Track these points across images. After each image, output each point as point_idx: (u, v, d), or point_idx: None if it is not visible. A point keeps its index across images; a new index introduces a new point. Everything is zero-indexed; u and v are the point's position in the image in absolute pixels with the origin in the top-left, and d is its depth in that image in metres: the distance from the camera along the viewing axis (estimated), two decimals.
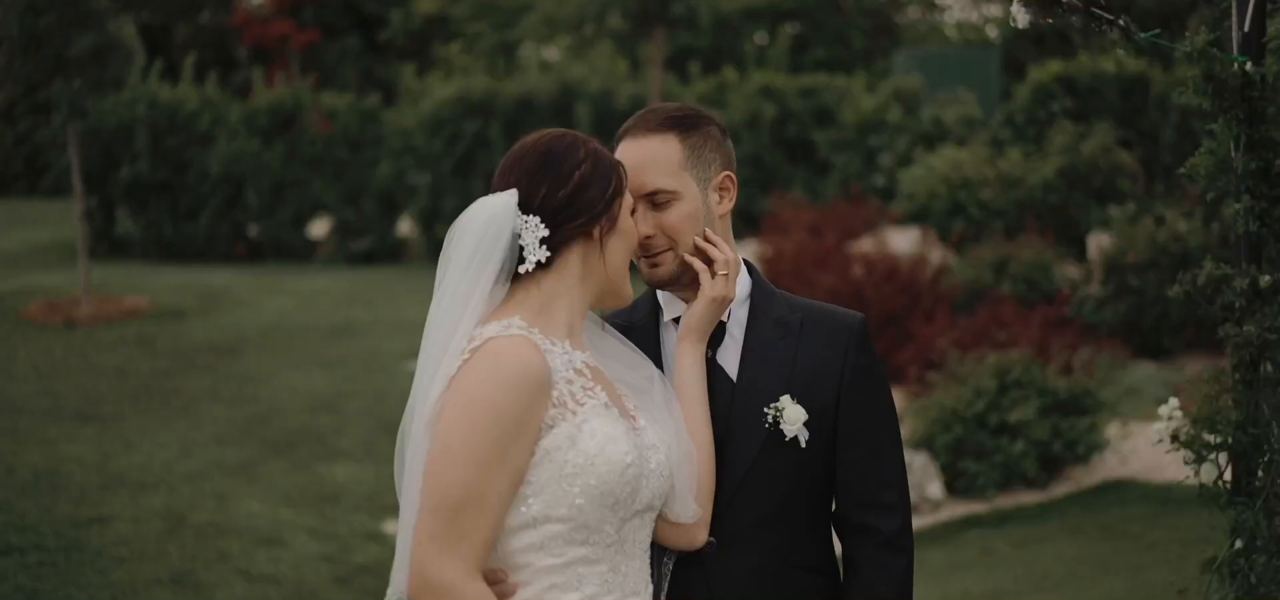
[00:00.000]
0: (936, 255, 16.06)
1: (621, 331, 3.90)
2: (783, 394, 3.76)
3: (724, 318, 3.88)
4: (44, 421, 13.37)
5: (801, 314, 3.88)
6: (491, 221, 3.55)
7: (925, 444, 11.87)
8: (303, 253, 24.59)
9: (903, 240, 16.87)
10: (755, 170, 22.40)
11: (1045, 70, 20.26)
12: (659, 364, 3.86)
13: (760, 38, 30.75)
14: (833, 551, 3.93)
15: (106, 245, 23.84)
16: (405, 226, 24.77)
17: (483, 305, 3.53)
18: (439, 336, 3.53)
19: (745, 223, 21.21)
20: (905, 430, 12.65)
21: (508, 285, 3.60)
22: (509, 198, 3.56)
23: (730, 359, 3.85)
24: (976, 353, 12.47)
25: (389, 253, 24.39)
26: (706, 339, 3.81)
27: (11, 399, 13.99)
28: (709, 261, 3.81)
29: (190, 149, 23.84)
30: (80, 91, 17.40)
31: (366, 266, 23.81)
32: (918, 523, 11.23)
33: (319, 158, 24.08)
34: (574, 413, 3.46)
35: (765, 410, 3.76)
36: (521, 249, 3.55)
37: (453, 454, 3.36)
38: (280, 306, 18.81)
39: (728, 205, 3.89)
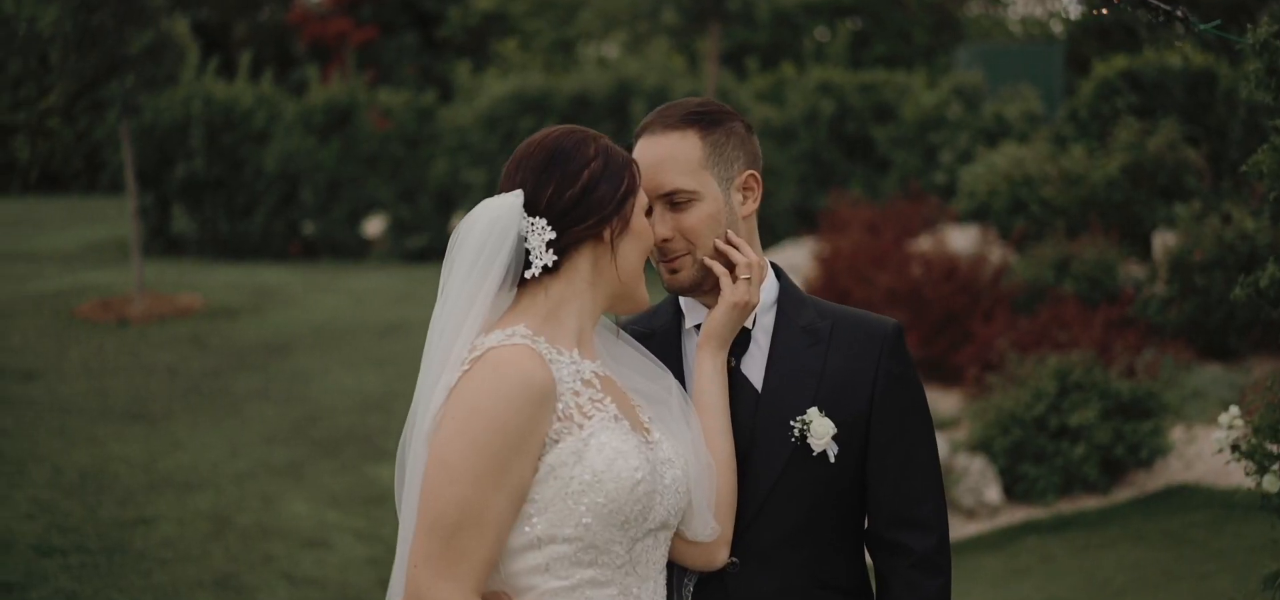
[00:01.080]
0: (996, 254, 15.77)
1: (641, 338, 3.71)
2: (810, 405, 3.56)
3: (749, 324, 3.67)
4: (93, 421, 13.30)
5: (832, 320, 3.67)
6: (495, 224, 3.36)
7: (983, 447, 11.65)
8: (357, 251, 24.51)
9: (962, 239, 16.59)
10: (813, 167, 22.14)
11: (1109, 65, 19.88)
12: (680, 373, 3.67)
13: (821, 33, 30.47)
14: (864, 570, 3.72)
15: (162, 243, 23.85)
16: None
17: (486, 312, 3.34)
18: (441, 345, 3.35)
19: (802, 220, 20.97)
20: (962, 433, 12.42)
21: (514, 291, 3.41)
22: (514, 199, 3.38)
23: (755, 368, 3.65)
24: (1036, 354, 12.21)
25: (443, 251, 24.16)
26: (727, 346, 3.61)
27: (61, 398, 13.93)
28: (731, 265, 3.60)
29: (245, 146, 23.81)
30: (133, 89, 17.36)
31: (421, 264, 23.69)
32: (975, 529, 11.01)
33: (374, 155, 23.99)
34: (581, 426, 3.26)
35: (791, 423, 3.55)
36: (527, 252, 3.37)
37: (450, 470, 3.17)
38: (333, 305, 18.72)
39: (752, 206, 3.68)
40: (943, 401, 13.85)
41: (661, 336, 3.73)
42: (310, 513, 11.18)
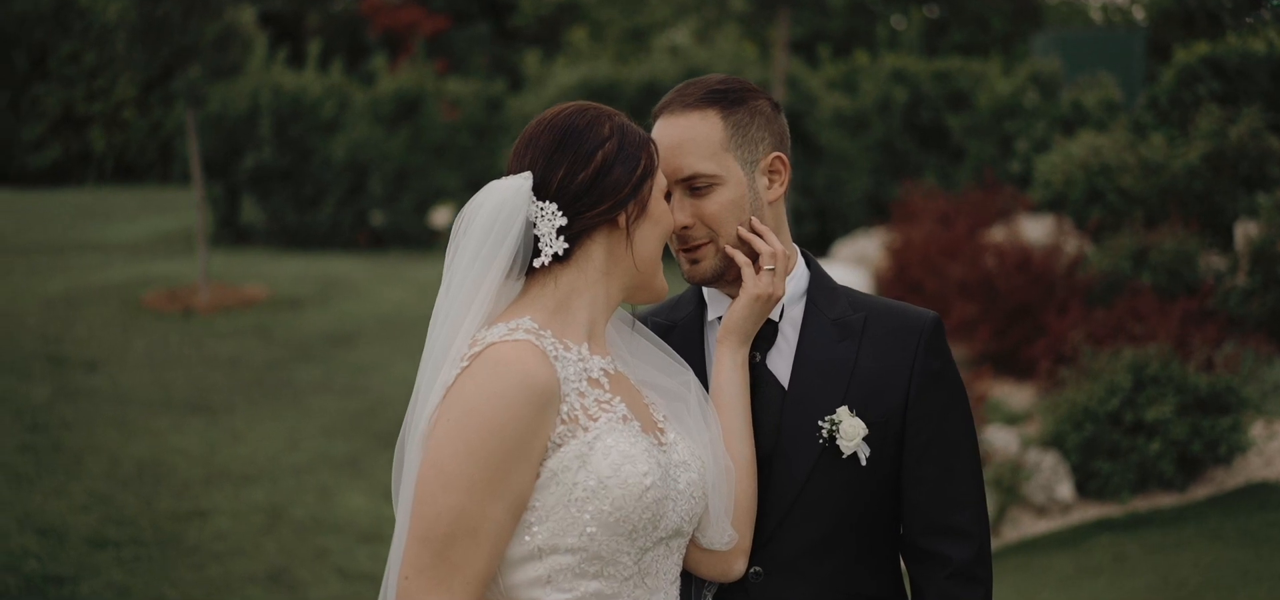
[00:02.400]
0: (1072, 245, 15.41)
1: (662, 331, 3.47)
2: (840, 403, 3.31)
3: (776, 317, 3.42)
4: (153, 412, 13.23)
5: (865, 313, 3.41)
6: (501, 208, 3.11)
7: (1055, 443, 11.35)
8: (425, 241, 24.40)
9: (1037, 229, 16.25)
10: (886, 156, 21.81)
11: (1191, 52, 19.43)
12: (702, 368, 3.42)
13: (897, 21, 30.08)
14: (899, 581, 3.47)
15: (231, 233, 23.84)
16: None
17: (490, 302, 3.11)
18: (441, 338, 3.11)
19: (874, 210, 20.68)
20: (1034, 428, 12.10)
21: (522, 280, 3.17)
22: (522, 181, 3.13)
23: (782, 364, 3.40)
24: (1111, 347, 11.88)
25: None
26: (748, 341, 3.36)
27: (123, 389, 13.88)
28: (755, 255, 3.36)
29: (314, 136, 23.73)
30: (199, 79, 17.31)
31: None
32: (1045, 526, 10.73)
33: (442, 145, 23.85)
34: (586, 429, 3.02)
35: (820, 423, 3.30)
36: (536, 239, 3.12)
37: (444, 476, 2.94)
38: (398, 296, 18.59)
39: (779, 190, 3.42)
40: (1014, 395, 13.55)
41: (683, 329, 3.49)
42: (367, 506, 11.03)
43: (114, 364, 14.77)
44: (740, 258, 3.34)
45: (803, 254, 3.51)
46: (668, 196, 3.31)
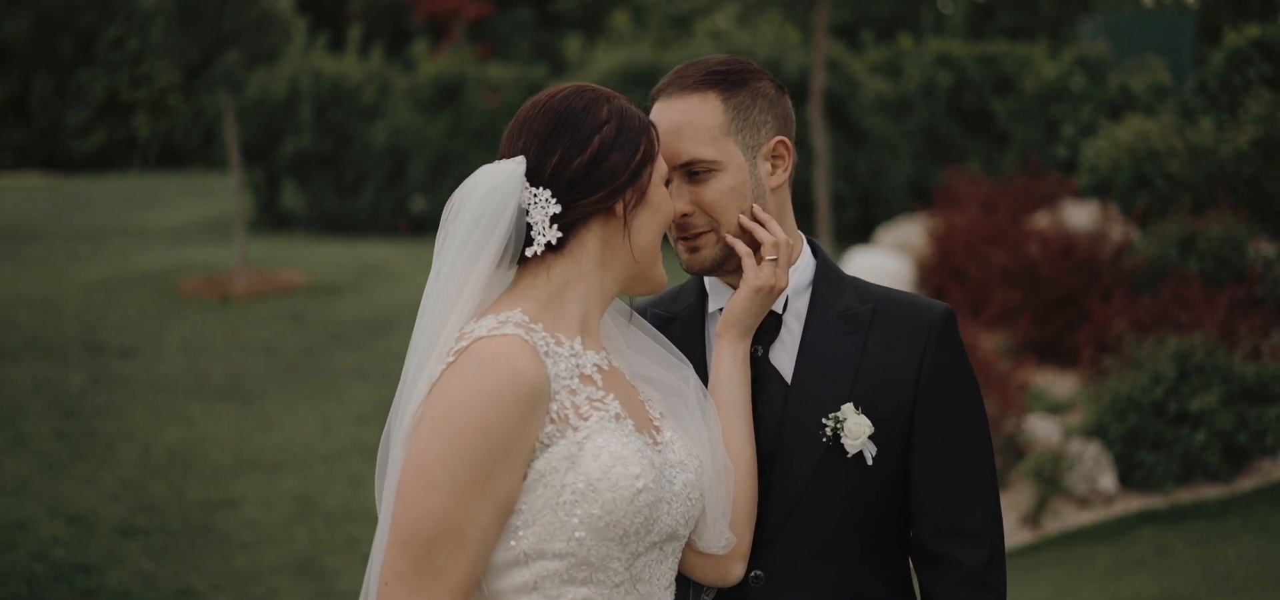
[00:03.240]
0: (1118, 231, 15.18)
1: (662, 324, 3.32)
2: (846, 400, 3.15)
3: (779, 309, 3.26)
4: (187, 399, 13.18)
5: (873, 305, 3.25)
6: (492, 194, 2.96)
7: (1098, 433, 11.17)
8: None
9: (1082, 215, 16.01)
10: (930, 142, 21.58)
11: (1241, 35, 19.11)
12: (703, 362, 3.27)
13: (943, 4, 29.78)
14: (908, 586, 3.31)
15: (271, 219, 23.79)
16: None
17: (479, 293, 2.96)
18: (428, 329, 2.97)
19: (918, 196, 20.47)
20: (1077, 417, 11.92)
21: (514, 270, 3.02)
22: (515, 166, 2.98)
23: (785, 358, 3.24)
24: (1156, 335, 11.67)
25: None
26: (749, 335, 3.21)
27: (158, 376, 13.84)
28: (757, 244, 3.20)
29: (354, 122, 23.65)
30: (236, 65, 17.26)
31: None
32: (1088, 518, 10.56)
33: (483, 130, 23.74)
34: (576, 428, 2.87)
35: (823, 421, 3.14)
36: (529, 227, 2.97)
37: (427, 477, 2.79)
38: None
39: (782, 176, 3.26)
40: (1057, 384, 13.36)
41: (684, 321, 3.33)
42: None
43: (150, 351, 14.74)
44: (741, 247, 3.19)
45: (809, 242, 3.36)
46: (667, 183, 3.16)
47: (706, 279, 3.34)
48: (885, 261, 16.34)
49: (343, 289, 17.85)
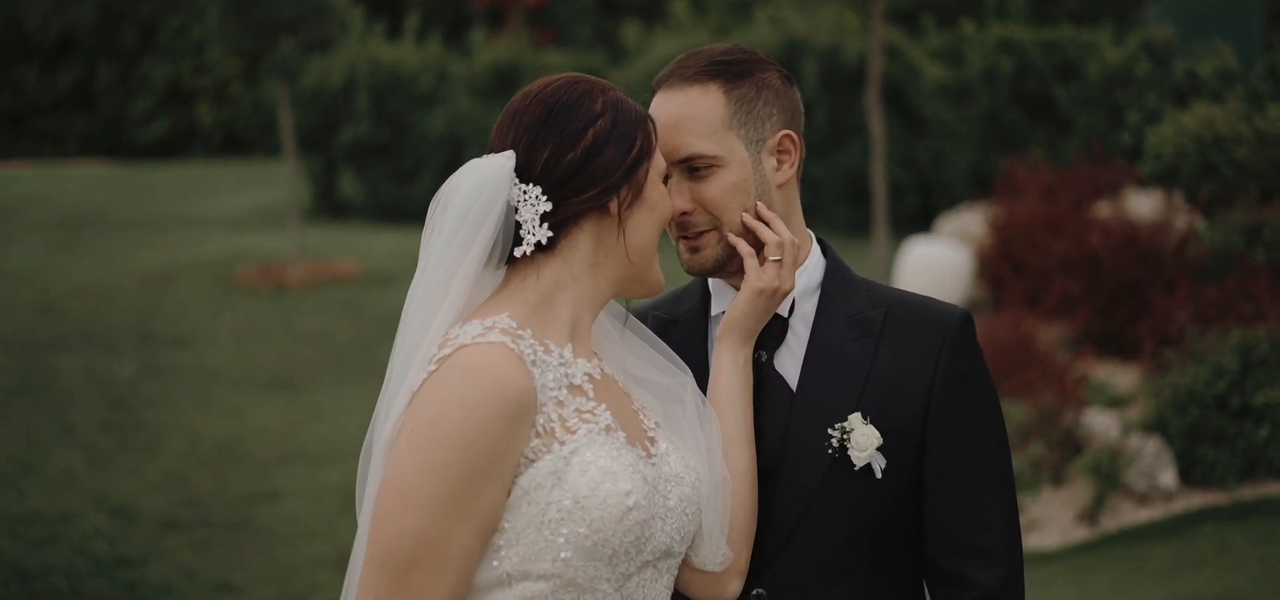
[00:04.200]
0: (1182, 220, 14.90)
1: (663, 327, 3.15)
2: (854, 409, 2.98)
3: (785, 312, 3.09)
4: (236, 390, 13.15)
5: (885, 308, 3.08)
6: (479, 191, 2.81)
7: (1158, 427, 10.93)
8: None
9: (1145, 204, 15.73)
10: (991, 129, 21.29)
11: None
12: (705, 367, 3.09)
13: None
14: None
15: (328, 207, 23.76)
16: None
17: (465, 295, 2.81)
18: (411, 333, 2.83)
19: (979, 185, 20.20)
20: (1137, 412, 11.71)
21: (502, 270, 2.86)
22: (503, 161, 2.83)
23: (791, 365, 3.07)
24: (1219, 327, 11.43)
25: None
26: (751, 340, 3.04)
27: (209, 366, 13.82)
28: (760, 244, 3.03)
29: (411, 110, 23.59)
30: (292, 53, 17.23)
31: None
32: (1146, 515, 10.36)
33: None
34: (562, 442, 2.71)
35: (829, 431, 2.97)
36: (518, 225, 2.82)
37: (405, 495, 2.64)
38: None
39: (788, 172, 3.09)
40: (1118, 377, 13.13)
41: (686, 325, 3.16)
42: None
43: (202, 340, 14.73)
44: (743, 247, 3.02)
45: (818, 242, 3.18)
46: (666, 180, 2.99)
47: (710, 281, 3.17)
48: (943, 252, 16.13)
49: (397, 278, 17.79)
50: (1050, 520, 10.40)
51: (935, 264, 15.94)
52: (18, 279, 17.17)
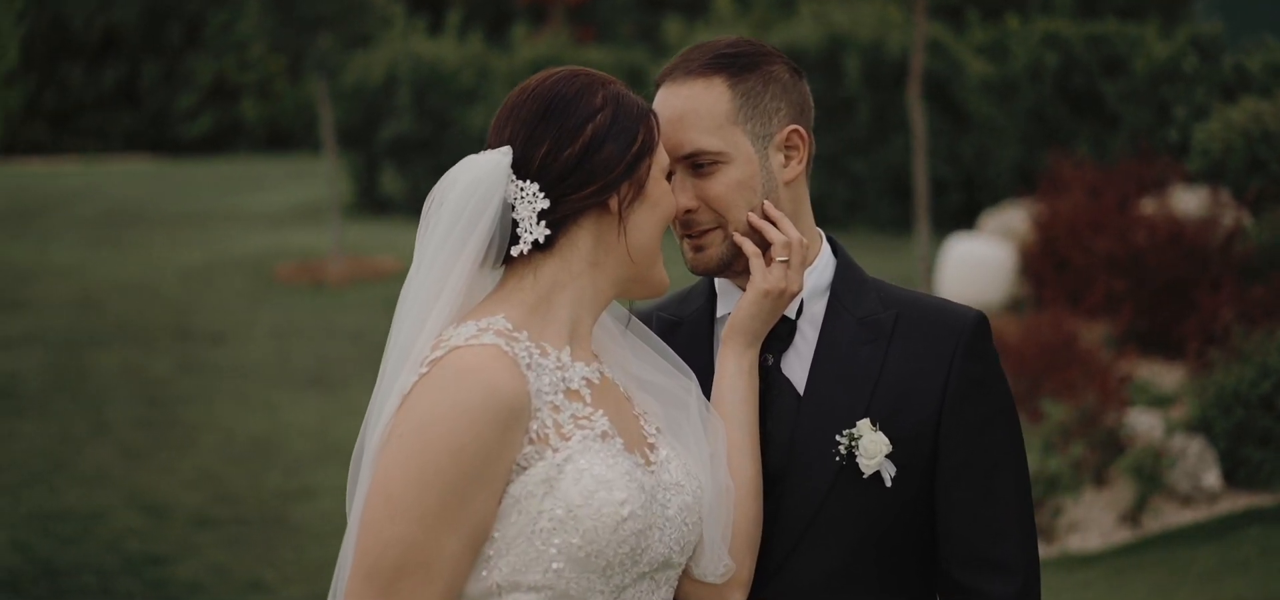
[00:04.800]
0: (1229, 217, 14.71)
1: (669, 328, 3.05)
2: (863, 414, 2.87)
3: (792, 314, 2.98)
4: (272, 386, 13.12)
5: (897, 310, 2.97)
6: (474, 188, 2.71)
7: (1202, 428, 10.78)
8: None
9: (1192, 201, 15.54)
10: (1036, 124, 21.09)
11: None
12: (710, 370, 2.98)
13: None
14: None
15: (370, 204, 23.74)
16: None
17: (459, 295, 2.72)
18: (404, 333, 2.74)
19: (1024, 181, 20.01)
20: (1181, 412, 11.56)
21: (500, 270, 2.77)
22: (499, 157, 2.74)
23: (798, 368, 2.96)
24: (1265, 326, 11.28)
25: None
26: (756, 343, 2.93)
27: (245, 363, 13.80)
28: (767, 244, 2.92)
29: (452, 106, 23.55)
30: (331, 49, 17.21)
31: None
32: (1190, 517, 10.23)
33: None
34: (556, 449, 2.62)
35: (837, 438, 2.86)
36: (515, 224, 2.72)
37: (393, 503, 2.56)
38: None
39: (796, 168, 2.98)
40: (1163, 376, 12.98)
41: (691, 326, 3.06)
42: None
43: (239, 337, 14.72)
44: (749, 247, 2.91)
45: (829, 241, 3.07)
46: (670, 176, 2.90)
47: (717, 281, 3.07)
48: (985, 249, 16.00)
49: None
50: (1092, 522, 10.28)
51: (977, 261, 15.81)
52: (59, 275, 17.21)
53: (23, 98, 31.40)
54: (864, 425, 2.85)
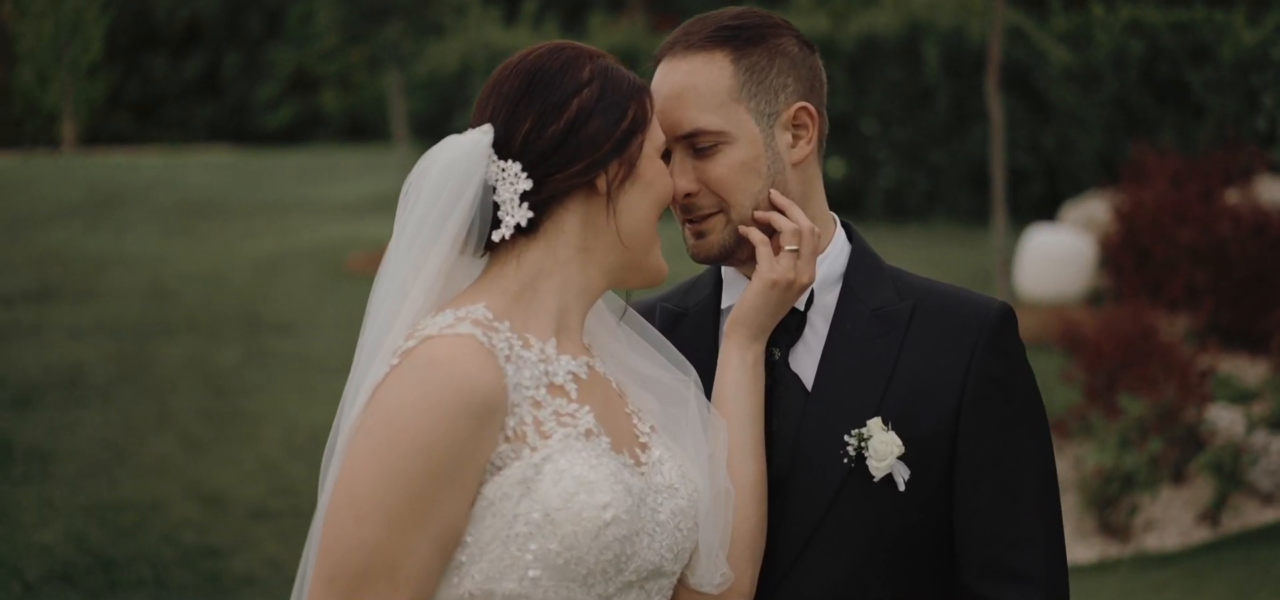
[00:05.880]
0: None
1: (672, 320, 2.88)
2: (874, 413, 2.67)
3: (801, 305, 2.78)
4: (337, 377, 12.98)
5: (914, 301, 2.77)
6: (452, 167, 2.55)
7: None
8: None
9: (1279, 191, 15.19)
10: (1120, 114, 20.69)
11: None
12: (714, 365, 2.79)
13: None
14: None
15: None
16: None
17: (437, 283, 2.55)
18: (379, 322, 2.57)
19: (1107, 172, 19.64)
20: (1263, 407, 11.24)
21: (484, 256, 2.60)
22: (480, 135, 2.57)
23: (807, 363, 2.76)
24: None
25: None
26: (762, 336, 2.74)
27: (312, 353, 13.72)
28: (775, 231, 2.72)
29: None
30: (401, 38, 17.16)
31: None
32: (1272, 515, 10.01)
33: None
34: (534, 448, 2.43)
35: (846, 438, 2.66)
36: (496, 207, 2.54)
37: (357, 503, 2.38)
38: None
39: (806, 149, 2.77)
40: (1246, 371, 12.66)
41: (696, 318, 2.87)
42: None
43: (307, 327, 14.66)
44: (755, 235, 2.72)
45: (843, 226, 2.87)
46: (668, 157, 2.70)
47: (724, 270, 2.88)
48: (1065, 240, 15.73)
49: None
50: (1170, 521, 10.01)
51: (1056, 253, 15.57)
52: (132, 265, 17.25)
53: (106, 89, 31.72)
54: (874, 425, 2.65)
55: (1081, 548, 9.59)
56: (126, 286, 16.16)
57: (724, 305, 2.85)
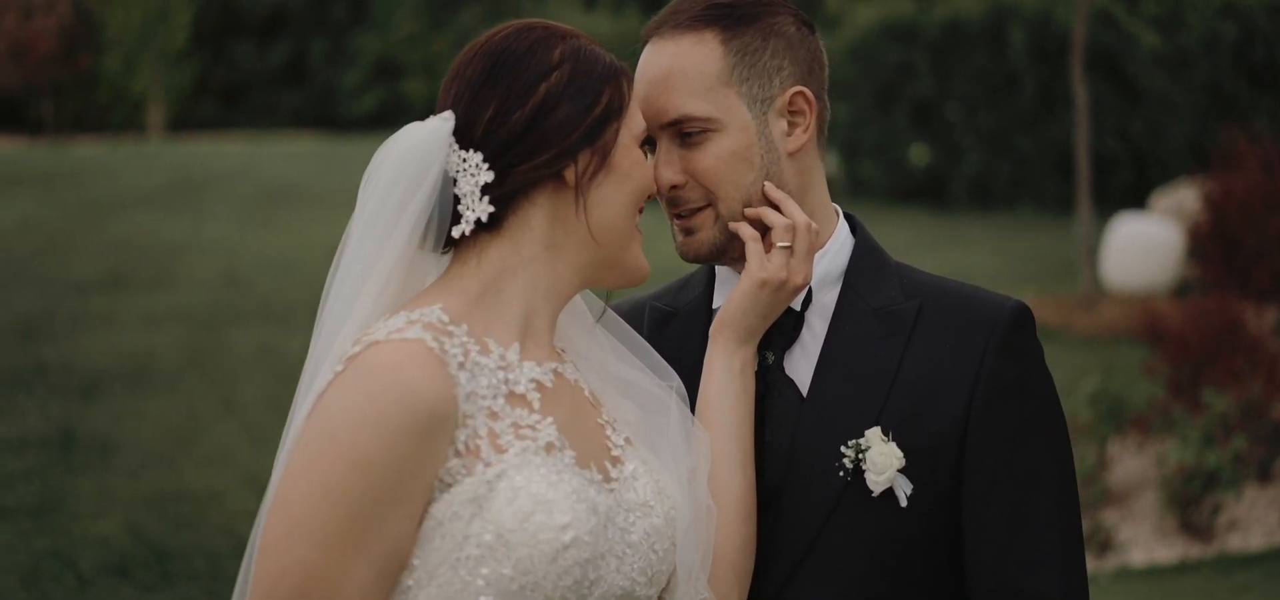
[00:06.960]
0: None
1: (661, 321, 2.67)
2: (874, 421, 2.45)
3: (797, 305, 2.56)
4: None
5: (921, 299, 2.54)
6: (408, 157, 2.35)
7: None
8: None
9: None
10: (1212, 99, 20.22)
11: None
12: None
13: None
14: None
15: None
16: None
17: (390, 282, 2.35)
18: (328, 326, 2.38)
19: (1198, 158, 19.20)
20: None
21: (446, 253, 2.39)
22: (439, 123, 2.36)
23: (804, 367, 2.55)
24: None
25: None
26: (751, 340, 2.52)
27: None
28: (767, 227, 2.50)
29: None
30: (481, 23, 17.06)
31: None
32: None
33: None
34: (488, 463, 2.22)
35: (843, 449, 2.44)
36: (457, 201, 2.34)
37: (292, 520, 2.19)
38: (667, 248, 18.04)
39: (802, 137, 2.55)
40: None
41: (685, 318, 2.66)
42: None
43: None
44: (745, 230, 2.50)
45: (847, 219, 2.65)
46: (649, 146, 2.49)
47: (717, 268, 2.66)
48: (1152, 229, 15.38)
49: None
50: (1254, 520, 9.74)
51: (1143, 242, 15.25)
52: (208, 252, 17.27)
53: (193, 76, 31.95)
54: (872, 435, 2.43)
55: (1162, 548, 9.35)
56: (200, 274, 16.17)
57: (716, 305, 2.65)
